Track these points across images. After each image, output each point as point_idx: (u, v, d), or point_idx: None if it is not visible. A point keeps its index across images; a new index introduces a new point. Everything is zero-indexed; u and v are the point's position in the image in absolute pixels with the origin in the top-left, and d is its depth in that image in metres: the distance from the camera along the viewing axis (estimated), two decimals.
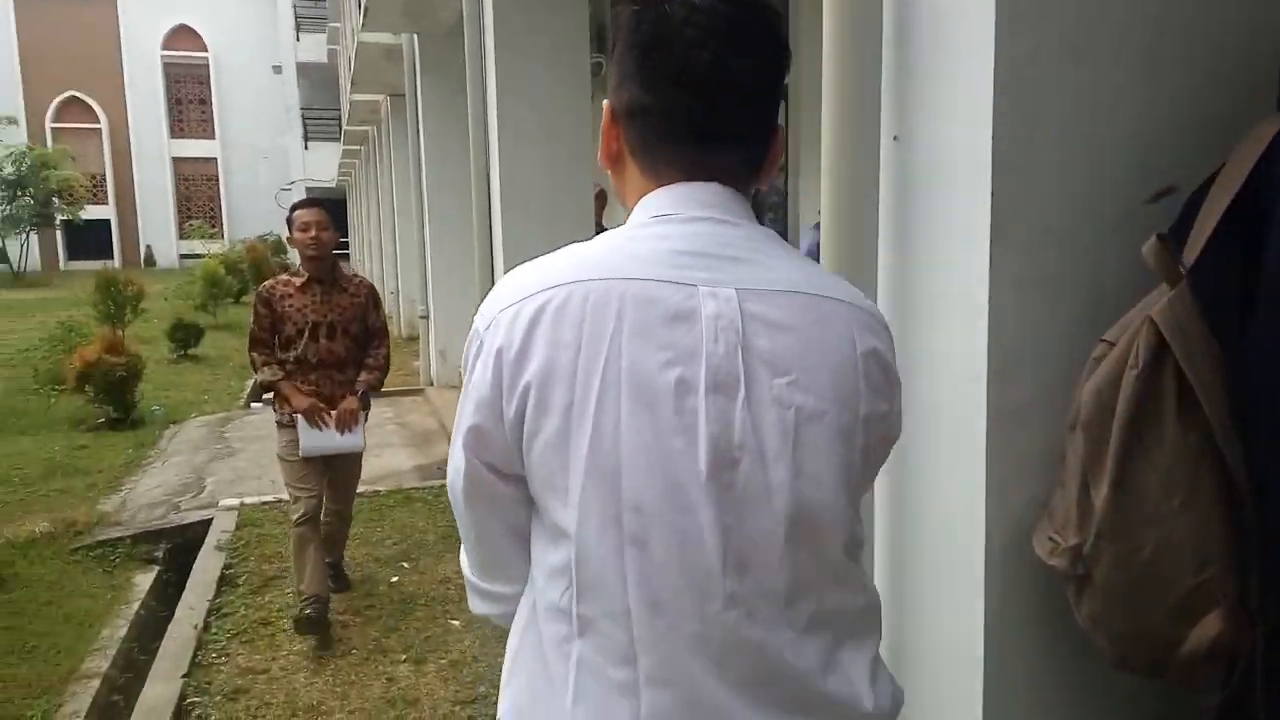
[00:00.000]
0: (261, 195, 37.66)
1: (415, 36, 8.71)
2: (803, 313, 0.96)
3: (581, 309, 0.92)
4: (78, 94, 36.71)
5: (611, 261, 0.95)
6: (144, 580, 4.70)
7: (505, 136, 5.15)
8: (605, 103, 1.04)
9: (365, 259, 25.35)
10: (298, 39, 36.30)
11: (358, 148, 21.64)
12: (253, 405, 9.46)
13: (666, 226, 0.97)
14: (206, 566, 4.54)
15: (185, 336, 11.86)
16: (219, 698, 3.32)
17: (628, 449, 0.90)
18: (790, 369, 0.93)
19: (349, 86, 13.02)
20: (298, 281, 3.85)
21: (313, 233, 3.78)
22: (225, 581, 4.38)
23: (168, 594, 4.69)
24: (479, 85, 5.48)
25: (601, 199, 6.56)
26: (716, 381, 0.91)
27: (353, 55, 11.30)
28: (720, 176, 1.00)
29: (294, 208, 3.95)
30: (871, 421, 0.98)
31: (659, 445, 0.90)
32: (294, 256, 4.04)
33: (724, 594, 0.92)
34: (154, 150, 37.62)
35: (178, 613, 4.06)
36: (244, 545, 4.81)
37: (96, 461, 6.95)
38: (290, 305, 3.82)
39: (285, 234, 4.03)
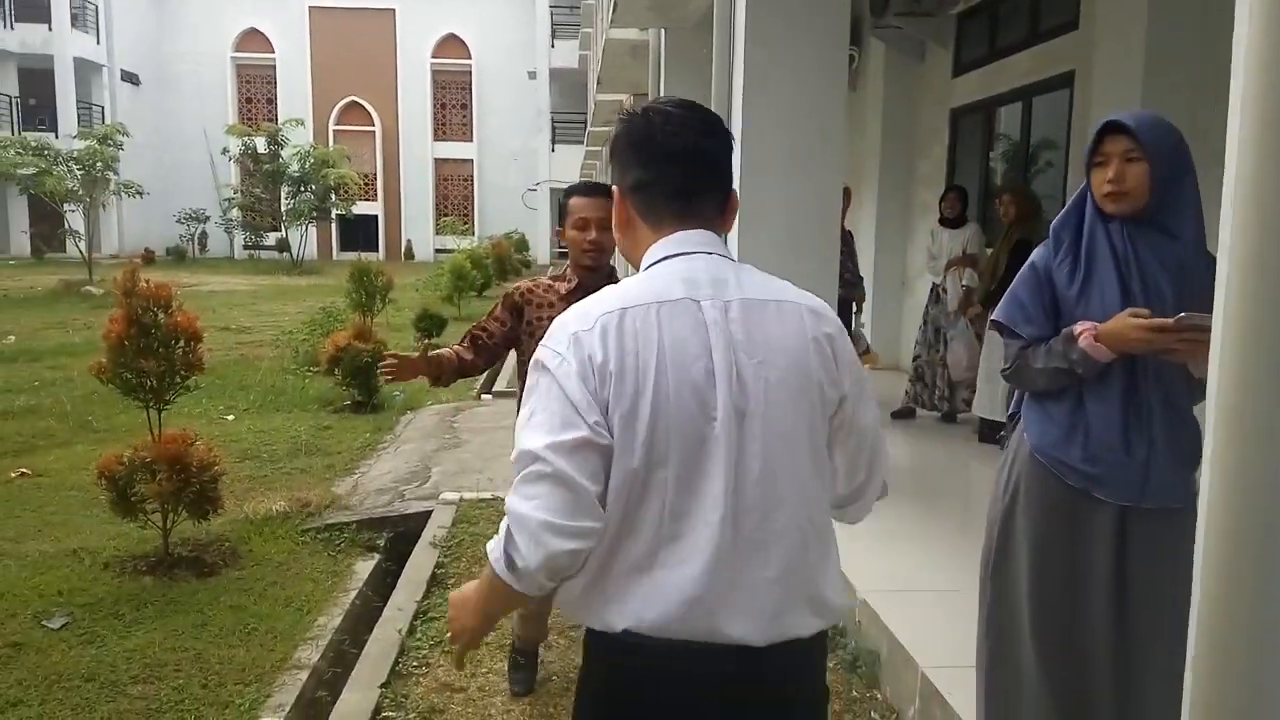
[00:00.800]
0: (510, 194, 39.31)
1: (662, 31, 8.54)
2: (769, 313, 1.42)
3: (634, 324, 1.36)
4: (357, 99, 39.74)
5: (645, 291, 1.40)
6: (364, 568, 4.70)
7: (749, 134, 4.77)
8: (614, 187, 1.53)
9: None
10: (552, 45, 37.66)
11: (599, 149, 22.01)
12: (484, 397, 9.62)
13: (675, 263, 1.43)
14: (419, 564, 4.47)
15: (429, 326, 12.35)
16: (414, 715, 3.15)
17: (678, 417, 1.34)
18: (759, 353, 1.39)
19: (595, 87, 13.14)
20: (562, 289, 3.02)
21: (591, 234, 2.87)
22: (436, 581, 4.28)
23: (384, 584, 4.68)
24: (724, 80, 5.13)
25: (847, 197, 6.03)
26: (722, 367, 1.36)
27: (600, 54, 11.35)
28: (703, 224, 1.47)
29: (570, 193, 3.02)
30: (825, 386, 1.44)
31: (699, 412, 1.35)
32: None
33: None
34: (419, 151, 40.00)
35: (386, 611, 3.98)
36: (458, 544, 4.72)
37: (337, 443, 7.21)
38: (545, 318, 2.92)
39: (556, 227, 3.65)
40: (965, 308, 6.63)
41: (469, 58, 40.01)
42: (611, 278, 2.96)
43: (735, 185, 2.37)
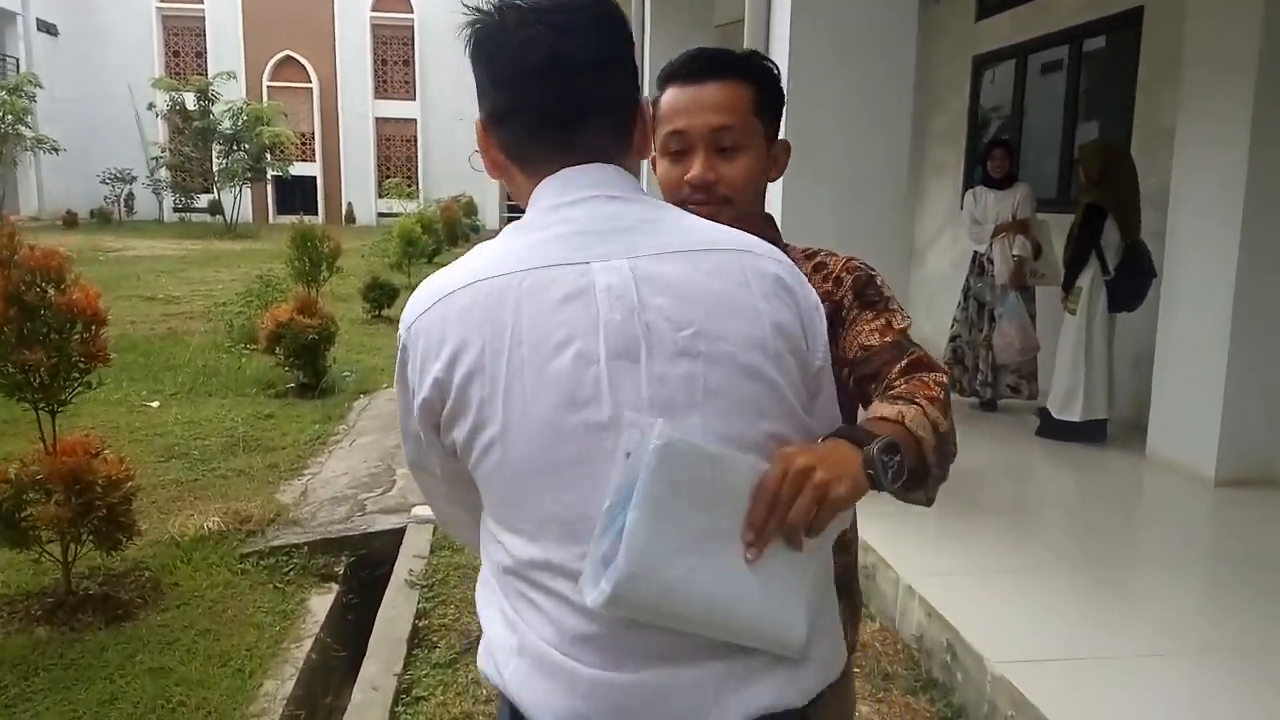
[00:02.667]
0: (456, 156, 38.01)
1: None
2: (696, 267, 1.03)
3: (484, 307, 1.00)
4: (293, 54, 38.04)
5: (510, 257, 1.03)
6: (319, 604, 3.78)
7: (798, 65, 3.86)
8: (476, 121, 1.14)
9: None
10: None
11: None
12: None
13: (557, 213, 1.05)
14: (394, 614, 3.51)
15: (379, 296, 11.30)
16: None
17: (542, 428, 0.98)
18: (692, 320, 1.00)
19: None
20: None
21: (695, 165, 1.42)
22: (418, 639, 3.33)
23: (346, 625, 3.75)
24: (761, 12, 4.19)
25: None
26: (615, 348, 0.98)
27: None
28: (595, 156, 1.07)
29: (666, 78, 1.47)
30: (780, 360, 1.04)
31: (567, 419, 0.97)
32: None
33: None
34: (359, 110, 38.64)
35: (356, 693, 3.01)
36: (441, 581, 3.77)
37: (281, 435, 6.20)
38: None
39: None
40: (1016, 281, 5.81)
41: (411, 12, 38.53)
42: (769, 228, 1.49)
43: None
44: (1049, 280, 5.85)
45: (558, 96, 1.05)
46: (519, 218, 1.16)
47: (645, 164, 1.26)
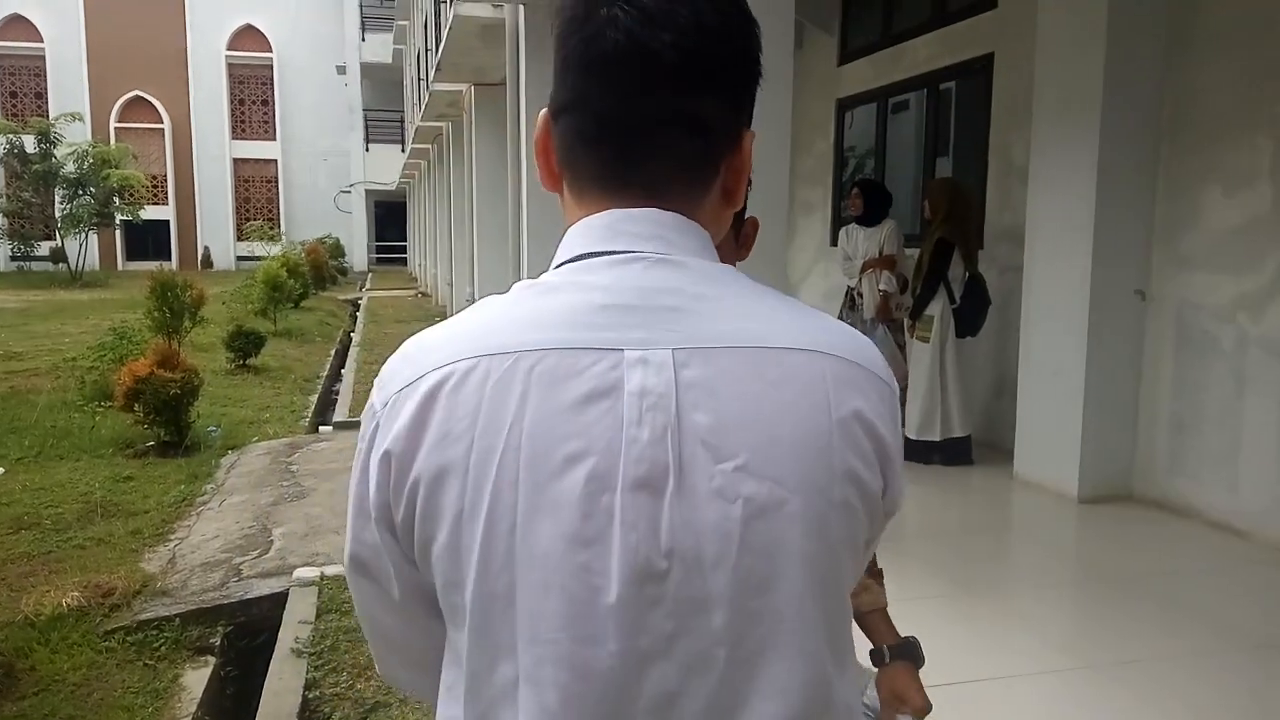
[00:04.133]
0: (321, 197, 37.24)
1: (520, 8, 7.54)
2: (758, 373, 0.75)
3: (480, 391, 0.75)
4: (142, 94, 36.48)
5: (522, 325, 0.77)
6: (195, 680, 3.55)
7: None
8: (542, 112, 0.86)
9: (424, 263, 24.57)
10: (363, 39, 35.91)
11: (427, 146, 20.67)
12: (321, 429, 8.34)
13: (590, 273, 0.78)
14: (281, 686, 3.31)
15: (245, 345, 10.82)
16: None
17: (522, 565, 0.73)
18: (738, 450, 0.73)
19: (431, 74, 11.99)
20: None
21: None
22: (309, 712, 3.15)
23: (224, 701, 3.53)
24: None
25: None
26: (639, 475, 0.72)
27: (439, 39, 10.23)
28: (657, 195, 0.80)
29: None
30: (849, 510, 0.77)
31: (560, 559, 0.72)
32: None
33: None
34: (215, 151, 37.31)
35: None
36: (331, 648, 3.57)
37: (143, 499, 5.81)
38: None
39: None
40: (883, 314, 6.06)
41: (269, 50, 37.54)
42: None
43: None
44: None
45: (624, 100, 0.79)
46: (389, 259, 0.92)
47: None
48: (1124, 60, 4.71)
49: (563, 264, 0.81)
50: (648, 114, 0.79)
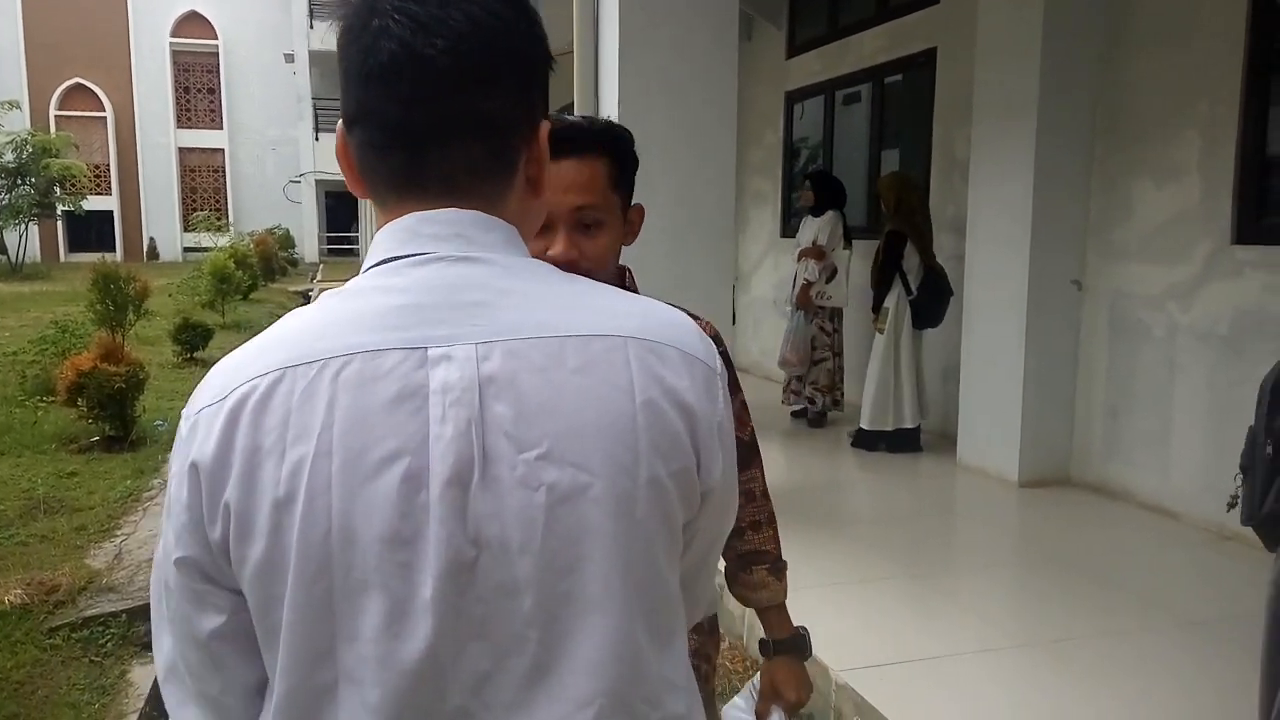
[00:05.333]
0: (269, 187, 36.60)
1: None
2: (559, 361, 0.77)
3: (286, 403, 0.75)
4: (83, 81, 35.54)
5: (329, 333, 0.77)
6: (143, 677, 3.52)
7: (625, 109, 3.97)
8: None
9: None
10: (311, 26, 35.25)
11: None
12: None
13: (392, 276, 0.79)
14: None
15: (192, 338, 10.64)
16: None
17: (339, 569, 0.73)
18: (540, 439, 0.75)
19: None
20: None
21: (558, 244, 1.42)
22: None
23: None
24: (589, 46, 4.27)
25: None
26: (447, 471, 0.74)
27: None
28: (454, 195, 0.81)
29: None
30: (657, 488, 0.78)
31: (379, 560, 0.73)
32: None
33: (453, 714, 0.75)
34: (160, 140, 36.45)
35: None
36: None
37: (87, 494, 5.73)
38: None
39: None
40: (802, 301, 6.27)
41: (215, 38, 36.76)
42: (622, 281, 1.59)
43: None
44: (835, 303, 6.33)
45: (405, 107, 0.79)
46: (341, 250, 0.94)
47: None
48: (1060, 58, 4.84)
49: (369, 269, 0.82)
50: (431, 119, 0.80)
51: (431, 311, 0.77)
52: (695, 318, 1.57)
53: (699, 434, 0.81)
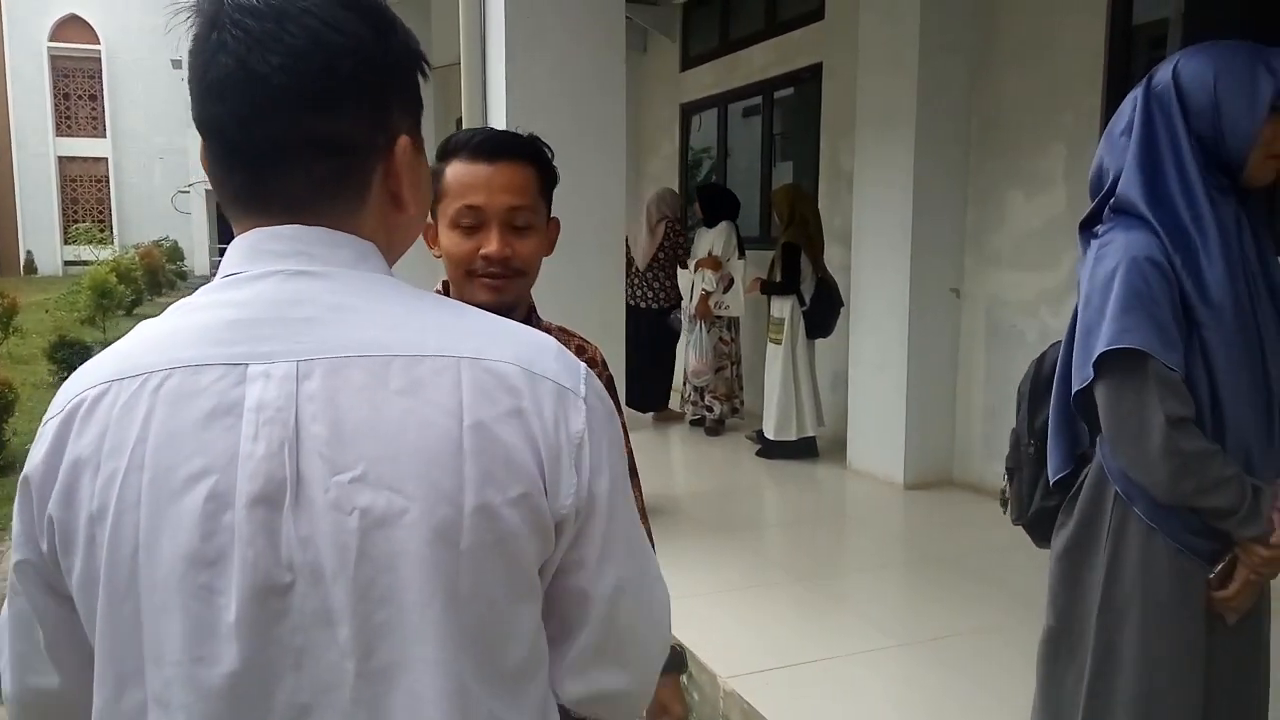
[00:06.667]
0: (157, 198, 35.27)
1: None
2: (383, 382, 0.73)
3: (107, 416, 0.75)
4: None
5: (160, 345, 0.77)
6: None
7: (515, 120, 3.95)
8: None
9: None
10: None
11: None
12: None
13: (227, 291, 0.77)
14: None
15: (69, 356, 10.14)
16: None
17: (145, 588, 0.72)
18: (356, 461, 0.72)
19: None
20: None
21: (492, 242, 1.42)
22: None
23: None
24: (476, 58, 4.23)
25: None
26: (255, 491, 0.71)
27: None
28: (299, 213, 0.78)
29: (449, 151, 1.48)
30: (487, 515, 0.73)
31: (180, 580, 0.72)
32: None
33: None
34: (37, 149, 34.80)
35: None
36: None
37: None
38: None
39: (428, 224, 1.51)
40: (701, 312, 6.38)
41: (97, 42, 35.31)
42: (532, 320, 1.55)
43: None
44: (732, 313, 6.44)
45: (241, 126, 0.77)
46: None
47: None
48: (935, 72, 5.02)
49: (212, 284, 0.81)
50: (269, 140, 0.77)
51: (260, 327, 0.75)
52: (584, 345, 1.59)
53: (545, 457, 0.77)
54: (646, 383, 6.48)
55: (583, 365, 0.83)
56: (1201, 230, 1.62)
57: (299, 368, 0.73)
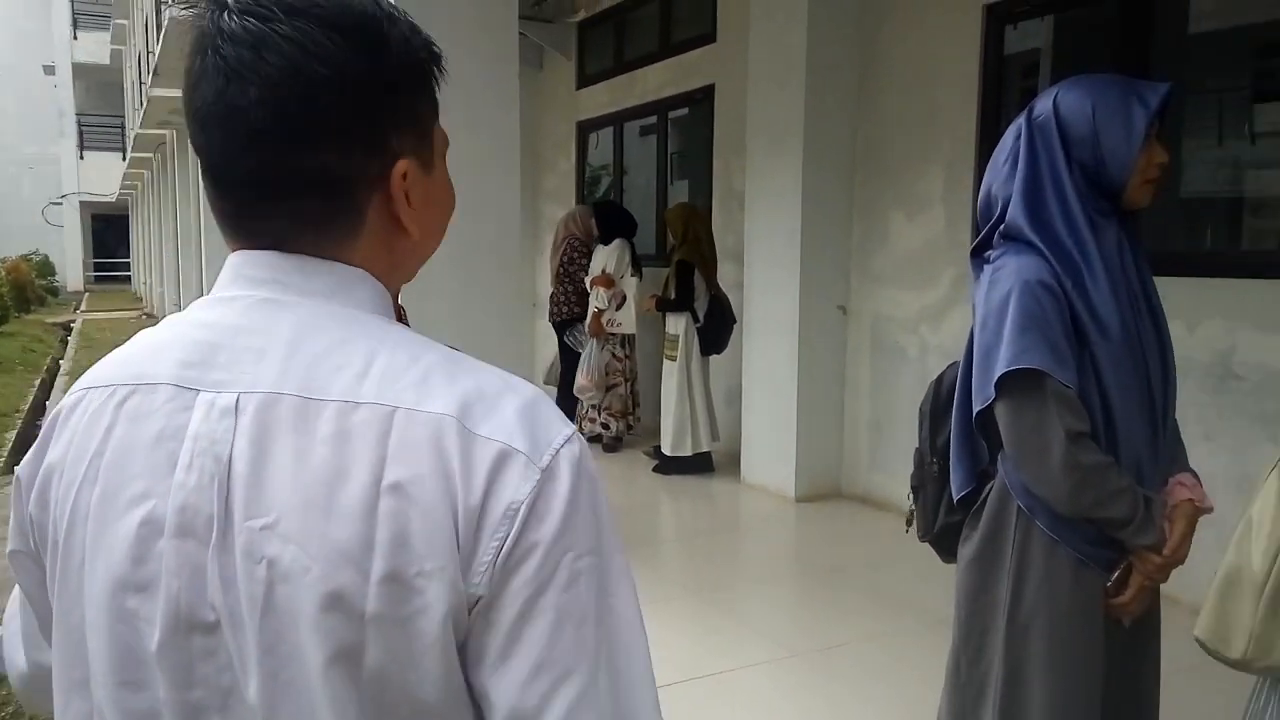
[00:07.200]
0: (26, 209, 33.39)
1: None
2: (310, 427, 0.68)
3: (78, 424, 0.76)
4: None
5: (136, 358, 0.77)
6: None
7: None
8: None
9: (150, 281, 22.77)
10: (75, 37, 32.67)
11: (150, 155, 19.12)
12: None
13: (201, 311, 0.77)
14: None
15: None
16: None
17: (87, 603, 0.73)
18: (270, 508, 0.67)
19: (149, 79, 11.12)
20: None
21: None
22: None
23: None
24: None
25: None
26: (181, 522, 0.69)
27: (156, 41, 9.52)
28: (283, 242, 0.75)
29: None
30: (397, 585, 0.66)
31: (109, 601, 0.71)
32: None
33: None
34: None
35: None
36: (14, 715, 3.22)
37: None
38: None
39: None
40: (594, 329, 6.43)
41: None
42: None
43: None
44: (625, 330, 6.49)
45: (224, 158, 0.74)
46: (110, 276, 1.01)
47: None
48: (821, 94, 5.18)
49: (201, 300, 0.81)
50: (251, 173, 0.73)
51: (218, 353, 0.73)
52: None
53: (461, 527, 0.68)
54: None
55: (568, 432, 0.73)
56: (1086, 254, 1.70)
57: (239, 400, 0.70)
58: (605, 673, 0.71)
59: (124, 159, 25.84)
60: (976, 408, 1.76)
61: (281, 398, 0.70)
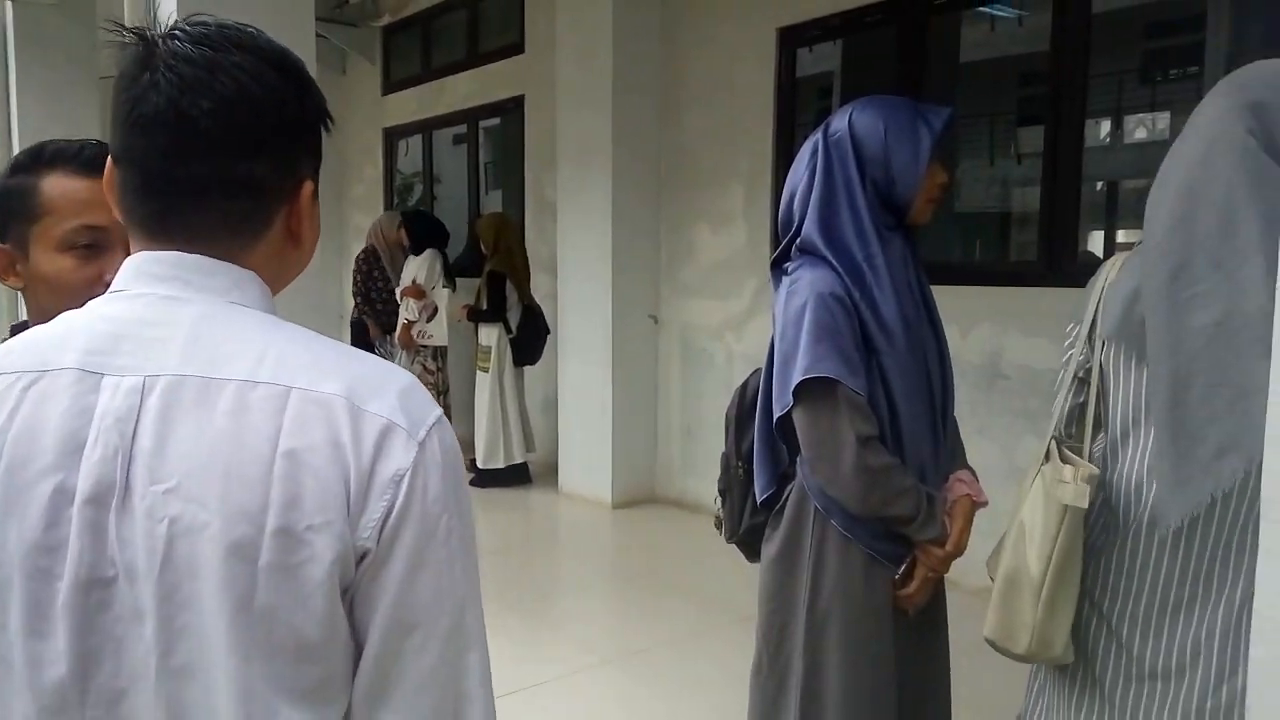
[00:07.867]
0: None
1: (9, 5, 6.65)
2: (212, 403, 0.80)
3: None
4: None
5: (39, 347, 0.86)
6: None
7: None
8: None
9: None
10: None
11: None
12: None
13: (105, 306, 0.87)
14: None
15: None
16: None
17: (4, 563, 0.81)
18: (172, 474, 0.79)
19: None
20: None
21: (109, 265, 1.22)
22: None
23: None
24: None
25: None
26: (88, 490, 0.80)
27: None
28: (195, 243, 0.86)
29: (45, 161, 1.28)
30: (287, 538, 0.78)
31: (23, 560, 0.81)
32: None
33: None
34: None
35: None
36: None
37: None
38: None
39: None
40: (404, 340, 6.32)
41: None
42: None
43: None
44: (437, 341, 6.38)
45: (165, 160, 0.83)
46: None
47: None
48: (628, 111, 5.30)
49: (104, 295, 0.88)
50: (190, 177, 0.84)
51: (122, 343, 0.83)
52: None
53: (353, 489, 0.80)
54: None
55: (437, 413, 0.86)
56: (875, 267, 1.81)
57: (145, 383, 0.81)
58: (470, 611, 0.89)
59: None
60: (776, 414, 1.85)
61: (185, 379, 0.81)
